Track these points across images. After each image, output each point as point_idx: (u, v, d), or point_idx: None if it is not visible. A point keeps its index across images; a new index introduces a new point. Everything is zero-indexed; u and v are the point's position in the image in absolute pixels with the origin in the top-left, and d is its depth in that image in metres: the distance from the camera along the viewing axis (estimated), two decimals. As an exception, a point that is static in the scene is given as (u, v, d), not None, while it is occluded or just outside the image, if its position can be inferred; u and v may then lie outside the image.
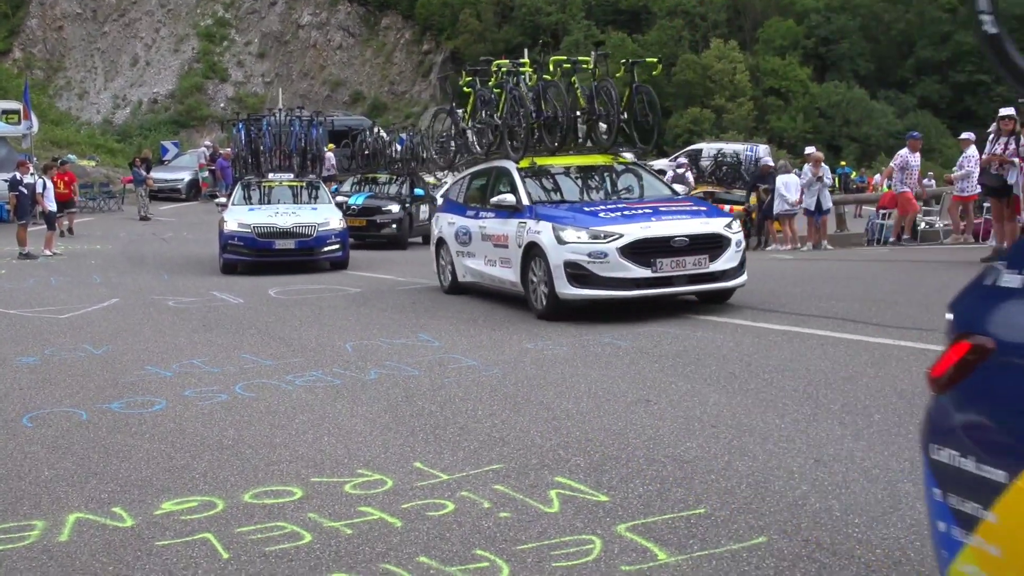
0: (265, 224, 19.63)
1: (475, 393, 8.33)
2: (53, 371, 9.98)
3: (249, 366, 9.90)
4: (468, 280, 14.61)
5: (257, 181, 21.93)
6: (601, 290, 11.62)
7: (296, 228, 19.67)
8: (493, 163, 14.62)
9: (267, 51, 76.90)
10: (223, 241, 19.72)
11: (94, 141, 53.62)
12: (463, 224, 14.49)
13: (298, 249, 19.66)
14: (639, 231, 11.61)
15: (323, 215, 20.22)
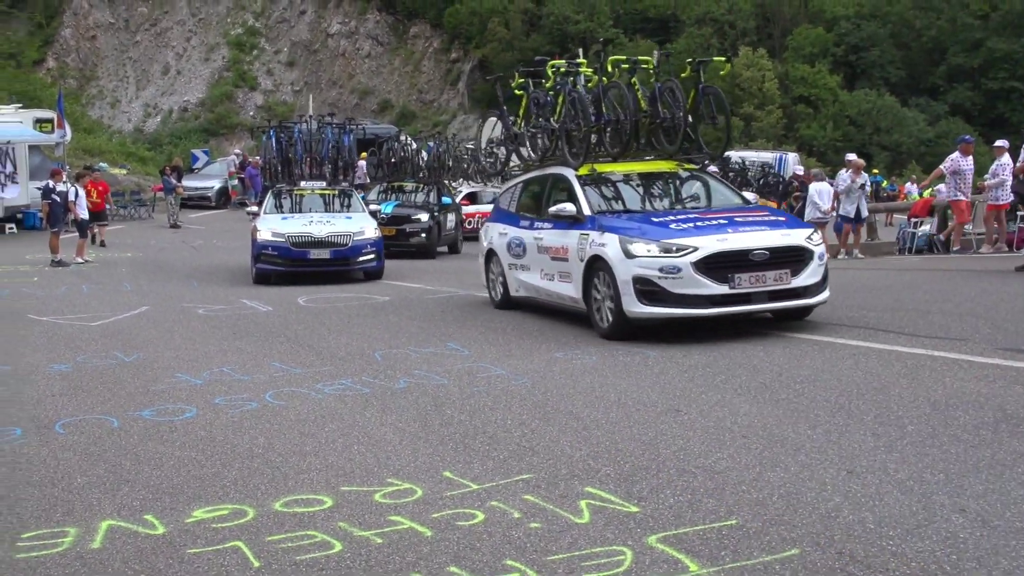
0: (300, 233, 19.29)
1: (504, 402, 8.32)
2: (85, 378, 10.05)
3: (279, 374, 9.94)
4: (521, 295, 13.86)
5: (289, 189, 21.67)
6: (673, 308, 10.76)
7: (331, 237, 19.32)
8: (548, 170, 13.85)
9: (296, 60, 77.29)
10: (256, 251, 19.37)
11: (125, 149, 54.04)
12: (516, 235, 13.80)
13: (333, 259, 19.33)
14: (715, 244, 10.73)
15: (358, 224, 19.89)
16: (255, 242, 19.45)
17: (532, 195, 14.06)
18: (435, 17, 74.16)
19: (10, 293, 18.06)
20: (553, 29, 66.69)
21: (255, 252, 19.42)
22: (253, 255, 19.53)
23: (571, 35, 65.36)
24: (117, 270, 22.30)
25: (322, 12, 78.75)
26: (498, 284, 14.52)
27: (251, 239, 19.95)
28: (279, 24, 79.01)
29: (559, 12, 66.66)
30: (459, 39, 72.90)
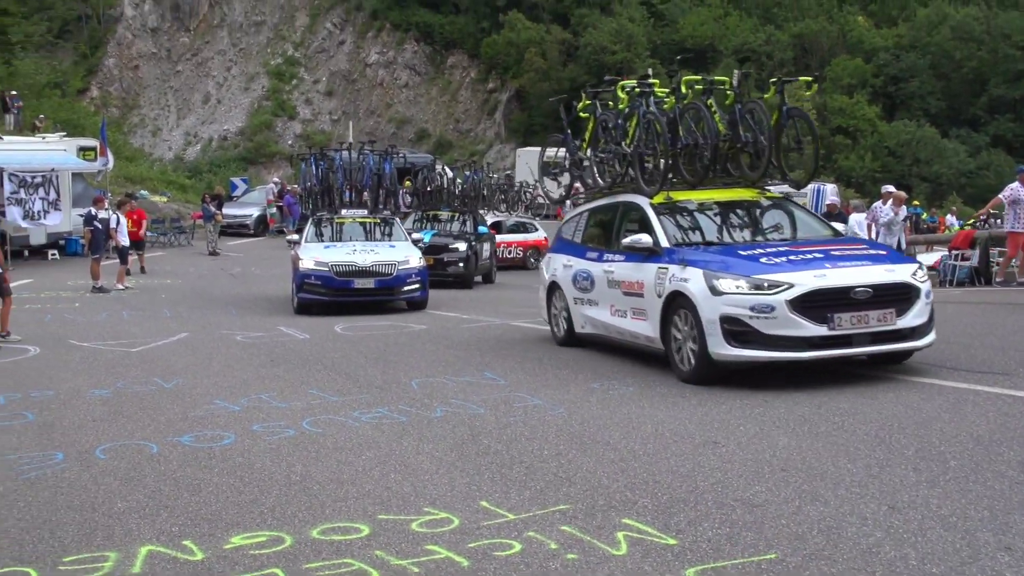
0: (343, 262, 18.97)
1: (541, 432, 8.31)
2: (125, 404, 10.13)
3: (316, 402, 9.97)
4: (588, 332, 12.95)
5: (330, 217, 21.45)
6: (766, 351, 9.72)
7: (376, 266, 18.99)
8: (619, 198, 12.92)
9: (335, 89, 77.93)
10: (299, 280, 19.05)
11: (166, 177, 54.57)
12: (583, 267, 12.92)
13: (378, 288, 18.99)
14: (812, 280, 9.76)
15: (402, 253, 19.57)
16: (297, 271, 19.16)
17: (600, 225, 13.25)
18: (472, 47, 74.61)
19: (52, 319, 18.26)
20: (590, 60, 66.85)
21: (297, 281, 19.10)
22: (295, 284, 19.21)
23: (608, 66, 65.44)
24: (157, 297, 22.50)
25: (361, 42, 79.45)
26: (561, 319, 13.69)
27: (292, 268, 19.67)
28: (318, 54, 79.76)
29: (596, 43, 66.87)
30: (496, 69, 73.24)
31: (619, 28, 66.49)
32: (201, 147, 74.65)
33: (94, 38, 79.10)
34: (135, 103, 77.96)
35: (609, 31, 66.50)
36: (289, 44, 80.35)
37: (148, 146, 73.75)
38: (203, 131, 76.10)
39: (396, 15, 77.46)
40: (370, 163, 23.01)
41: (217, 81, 78.99)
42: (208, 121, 76.71)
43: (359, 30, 79.91)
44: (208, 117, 77.02)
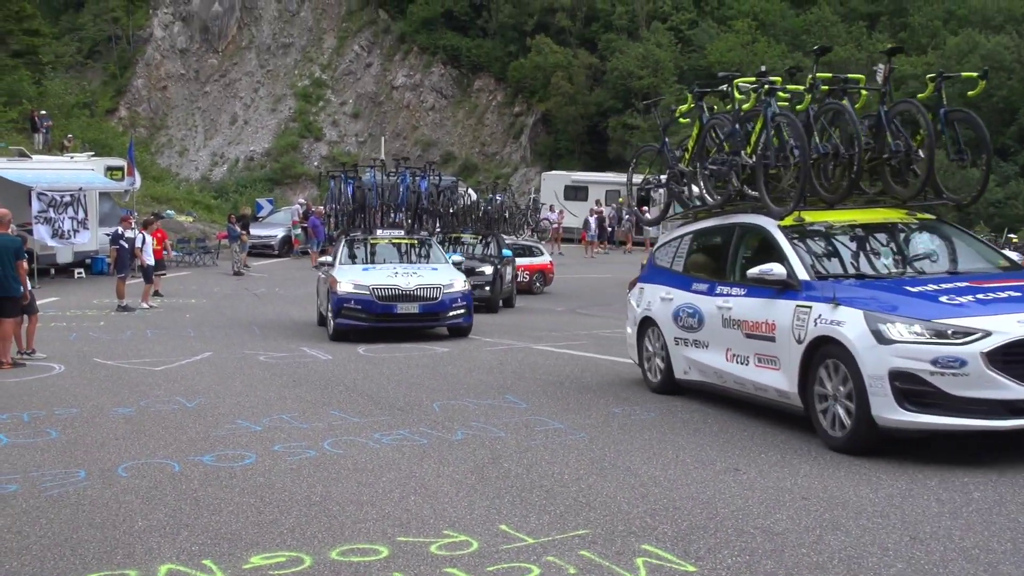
0: (386, 285, 17.93)
1: (561, 456, 8.32)
2: (148, 422, 10.21)
3: (337, 423, 10.02)
4: (693, 379, 10.94)
5: (363, 238, 20.39)
6: (953, 417, 7.72)
7: (420, 290, 17.97)
8: (733, 219, 10.89)
9: (361, 111, 78.35)
10: (336, 305, 17.88)
11: (192, 197, 54.82)
12: (688, 302, 10.93)
13: (422, 314, 18.01)
14: (1017, 327, 7.77)
15: (446, 276, 18.66)
16: (334, 295, 18.00)
17: (708, 251, 11.35)
18: (499, 71, 74.91)
19: (78, 336, 18.39)
20: (616, 84, 66.99)
21: (335, 306, 17.93)
22: (332, 309, 18.04)
23: (634, 91, 65.61)
24: (181, 316, 22.61)
25: (388, 65, 79.94)
26: (657, 362, 11.68)
27: (326, 291, 18.75)
28: (345, 76, 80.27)
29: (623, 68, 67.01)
30: (522, 93, 73.45)
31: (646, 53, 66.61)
32: (228, 167, 75.12)
33: (123, 59, 79.94)
34: (163, 123, 78.62)
35: (636, 56, 66.61)
36: (316, 66, 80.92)
37: (175, 166, 74.30)
38: (230, 152, 76.62)
39: (424, 38, 77.87)
40: (406, 181, 22.15)
41: (244, 102, 79.56)
42: (235, 142, 77.25)
43: (387, 52, 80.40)
44: (235, 138, 77.55)
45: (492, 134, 75.01)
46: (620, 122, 64.22)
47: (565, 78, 67.92)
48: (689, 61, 68.41)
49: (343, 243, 20.22)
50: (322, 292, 19.73)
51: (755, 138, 10.80)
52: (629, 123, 63.51)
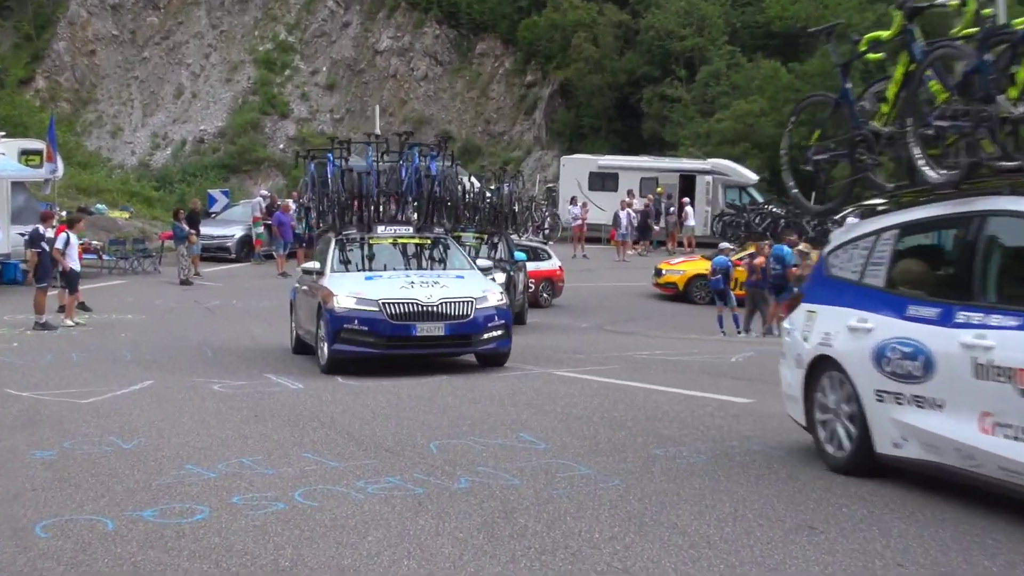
0: (400, 299, 16.92)
1: (591, 510, 8.27)
2: (73, 468, 10.15)
3: (311, 468, 9.97)
4: (910, 455, 8.78)
5: (359, 237, 19.31)
6: None
7: (446, 305, 16.94)
8: (975, 204, 8.76)
9: (337, 82, 78.42)
10: (333, 325, 16.89)
11: (128, 188, 54.91)
12: (902, 335, 8.86)
13: (449, 336, 17.00)
14: None
15: (477, 286, 17.72)
16: (330, 312, 17.02)
17: (932, 254, 9.55)
18: (507, 31, 74.83)
19: (-15, 361, 18.42)
20: (652, 46, 67.02)
21: (331, 327, 16.94)
22: (327, 331, 17.05)
23: (675, 54, 65.70)
24: (114, 335, 22.62)
25: (369, 25, 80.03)
26: (841, 426, 9.55)
27: (316, 307, 17.82)
28: (317, 39, 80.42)
29: (660, 26, 67.06)
30: (536, 58, 73.46)
31: (689, 8, 66.65)
32: (172, 151, 75.20)
33: (40, 16, 79.77)
34: (91, 96, 78.71)
35: (676, 11, 66.64)
36: (281, 26, 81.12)
37: (106, 149, 74.40)
38: (174, 132, 76.73)
39: (414, -9, 78.00)
40: (415, 162, 20.64)
41: (192, 71, 79.72)
42: (181, 120, 77.37)
43: (367, 9, 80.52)
44: (181, 115, 77.68)
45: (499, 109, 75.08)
46: (657, 93, 64.27)
47: (589, 39, 67.95)
48: (743, 17, 68.45)
49: (333, 244, 19.06)
50: (305, 309, 18.97)
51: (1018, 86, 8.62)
52: (668, 94, 63.59)
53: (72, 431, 12.08)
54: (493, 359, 17.66)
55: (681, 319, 29.34)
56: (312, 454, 10.59)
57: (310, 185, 21.99)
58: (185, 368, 17.60)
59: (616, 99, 67.19)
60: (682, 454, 10.30)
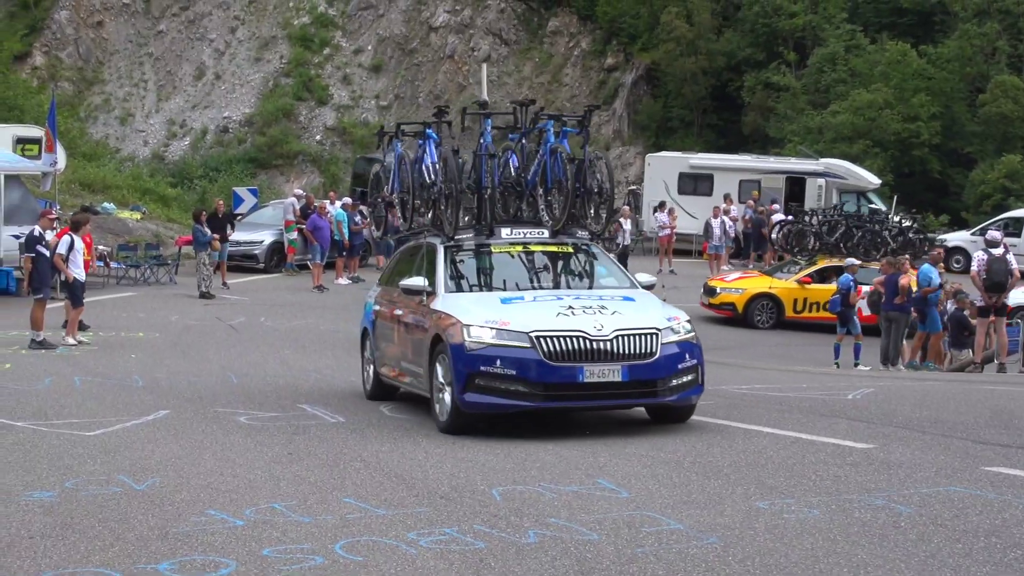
0: (562, 331, 14.58)
1: (682, 572, 8.27)
2: (77, 513, 10.25)
3: (354, 515, 10.02)
4: None
5: (477, 244, 16.99)
6: None
7: (622, 339, 14.63)
8: None
9: (384, 63, 78.50)
10: (464, 366, 14.52)
11: (140, 184, 54.97)
12: None
13: (628, 383, 14.60)
14: None
15: (655, 312, 15.50)
16: (457, 348, 14.70)
17: None
18: (585, 6, 74.72)
19: (-26, 384, 18.61)
20: (756, 24, 66.80)
21: (461, 370, 14.58)
22: (456, 375, 14.61)
23: (782, 33, 65.42)
24: (124, 356, 22.74)
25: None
26: None
27: (429, 341, 15.59)
28: (361, 12, 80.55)
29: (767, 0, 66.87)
30: (618, 38, 73.34)
31: (800, -22, 66.36)
32: (191, 142, 75.52)
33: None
34: (97, 76, 79.20)
35: (785, -17, 66.34)
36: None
37: (115, 139, 74.81)
38: (194, 119, 77.07)
39: (475, -44, 77.99)
40: (549, 139, 17.50)
41: (216, 48, 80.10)
42: (201, 105, 77.73)
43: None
44: (202, 99, 78.05)
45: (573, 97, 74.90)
46: (761, 80, 64.10)
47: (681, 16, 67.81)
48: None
49: (442, 253, 16.82)
50: (399, 341, 17.12)
51: None
52: (774, 82, 63.40)
53: (75, 469, 12.19)
54: (678, 414, 15.46)
55: (780, 348, 29.18)
56: (355, 499, 10.64)
57: (395, 174, 19.44)
58: (206, 396, 17.69)
59: (712, 87, 67.09)
60: (790, 508, 10.24)
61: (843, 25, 64.85)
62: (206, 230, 35.46)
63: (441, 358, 15.11)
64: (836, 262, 31.97)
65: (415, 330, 16.37)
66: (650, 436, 14.13)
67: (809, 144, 56.84)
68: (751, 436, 14.07)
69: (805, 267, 32.15)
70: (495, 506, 10.39)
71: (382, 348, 17.84)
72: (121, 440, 13.88)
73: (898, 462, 11.83)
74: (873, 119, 57.28)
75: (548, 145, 17.40)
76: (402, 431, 14.63)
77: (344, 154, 71.76)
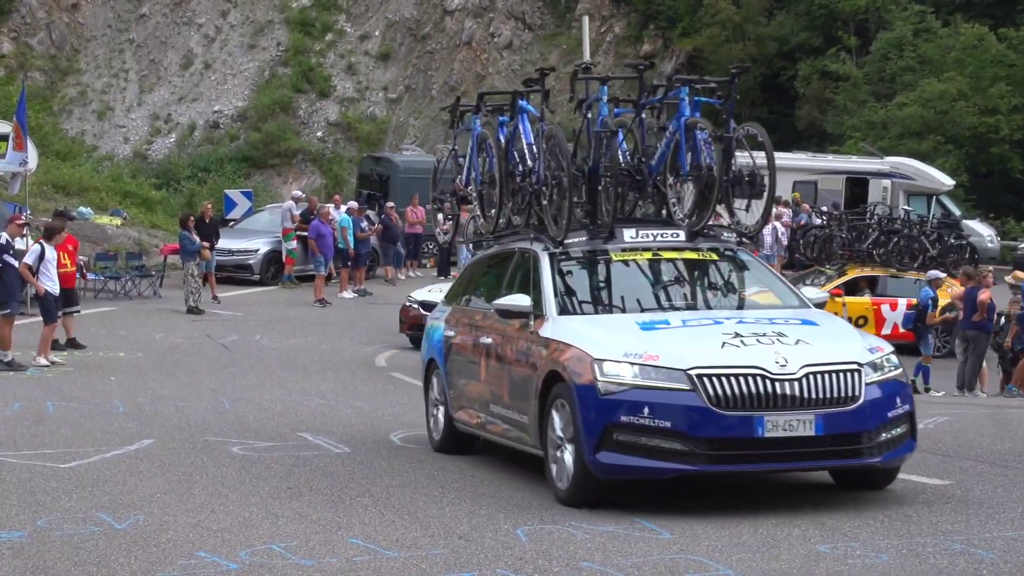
0: (731, 369, 12.46)
1: (735, 624, 8.23)
2: (50, 555, 10.24)
3: (362, 558, 10.02)
4: None
5: (591, 250, 14.84)
6: None
7: (813, 379, 12.41)
8: None
9: (394, 51, 78.62)
10: (599, 417, 12.43)
11: (120, 186, 55.08)
12: None
13: (823, 438, 12.40)
14: None
15: (849, 340, 13.53)
16: (589, 394, 12.54)
17: None
18: (618, -15, 74.91)
19: (-65, 411, 18.65)
20: (812, 6, 66.74)
21: (596, 420, 12.45)
22: (589, 428, 12.41)
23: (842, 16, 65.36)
24: (103, 379, 22.77)
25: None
26: None
27: (539, 381, 13.44)
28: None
29: (824, -21, 66.84)
30: (656, 21, 73.40)
31: (862, -42, 66.33)
32: (177, 139, 75.73)
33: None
34: (72, 66, 79.49)
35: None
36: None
37: (92, 135, 75.04)
38: (180, 113, 77.32)
39: (495, -68, 78.10)
40: (683, 112, 15.08)
41: (205, 33, 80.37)
42: (189, 97, 77.96)
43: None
44: (190, 91, 78.30)
45: (607, 87, 74.89)
46: (817, 68, 64.01)
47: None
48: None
49: (547, 263, 14.68)
50: (494, 380, 14.85)
51: None
52: (833, 70, 63.25)
53: (49, 505, 12.20)
54: (880, 479, 13.22)
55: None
56: (362, 540, 10.64)
57: (472, 159, 17.62)
58: (195, 424, 17.69)
59: (762, 77, 66.93)
60: (855, 552, 10.23)
61: (911, 6, 64.66)
62: (195, 237, 35.49)
63: (559, 404, 12.95)
64: (868, 271, 31.97)
65: (516, 365, 14.16)
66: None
67: (872, 141, 56.59)
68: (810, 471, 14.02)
69: (835, 277, 31.94)
70: (520, 548, 10.40)
71: (459, 387, 15.60)
72: (100, 473, 13.88)
73: (978, 500, 11.79)
74: (945, 112, 57.02)
75: (683, 120, 14.96)
76: (415, 463, 14.61)
77: (348, 152, 71.90)
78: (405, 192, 45.92)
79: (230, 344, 28.79)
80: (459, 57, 77.25)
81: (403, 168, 49.65)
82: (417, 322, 26.18)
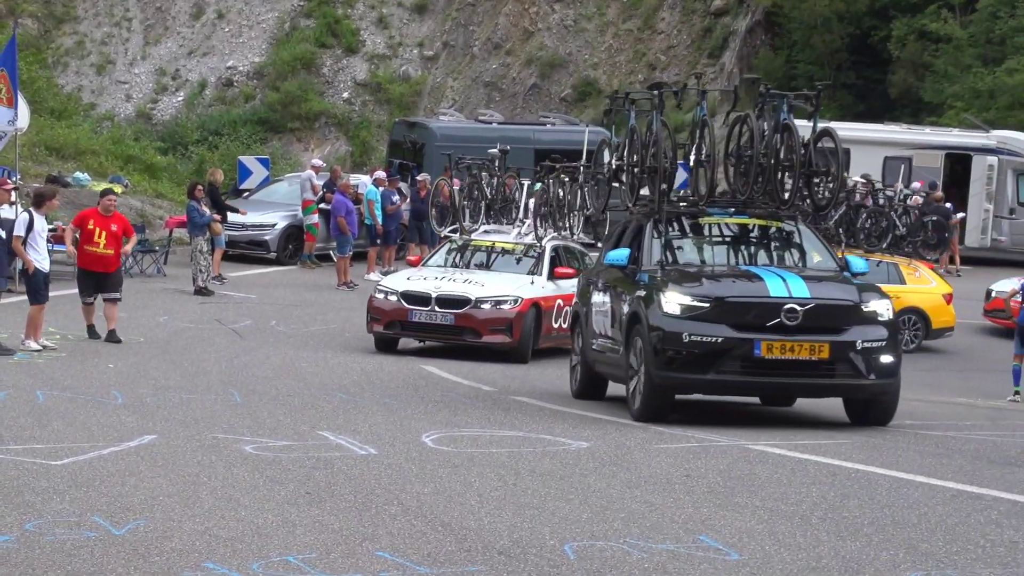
0: None
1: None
2: (40, 563, 10.28)
3: (389, 573, 10.05)
4: None
5: None
6: None
7: None
8: None
9: (431, 3, 78.63)
10: None
11: (121, 149, 55.12)
12: None
13: None
14: None
15: None
16: None
17: None
18: (687, -68, 74.84)
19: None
20: (914, -44, 66.48)
21: None
22: None
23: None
24: (99, 366, 22.84)
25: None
26: None
27: None
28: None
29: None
30: (730, -28, 73.41)
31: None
32: (186, 98, 75.85)
33: None
34: (68, 13, 79.65)
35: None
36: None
37: (90, 92, 75.21)
38: (190, 69, 77.44)
39: None
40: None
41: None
42: (199, 51, 78.09)
43: None
44: (200, 44, 78.42)
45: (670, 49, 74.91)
46: (914, 27, 63.54)
47: (811, -55, 67.61)
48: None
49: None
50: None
51: None
52: (932, 30, 62.81)
53: (39, 507, 12.24)
54: None
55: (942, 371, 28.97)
56: (390, 554, 10.64)
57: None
58: (203, 418, 17.75)
59: (850, 37, 66.72)
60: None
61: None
62: (204, 209, 35.43)
63: None
64: None
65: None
66: (767, 484, 14.09)
67: (977, 111, 56.14)
68: (899, 486, 14.01)
69: None
70: (568, 566, 10.39)
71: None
72: (95, 472, 13.91)
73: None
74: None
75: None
76: (450, 468, 14.61)
77: (378, 116, 72.04)
78: (441, 163, 45.47)
79: (242, 330, 28.87)
80: (504, 10, 77.14)
81: (440, 136, 48.00)
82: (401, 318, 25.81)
